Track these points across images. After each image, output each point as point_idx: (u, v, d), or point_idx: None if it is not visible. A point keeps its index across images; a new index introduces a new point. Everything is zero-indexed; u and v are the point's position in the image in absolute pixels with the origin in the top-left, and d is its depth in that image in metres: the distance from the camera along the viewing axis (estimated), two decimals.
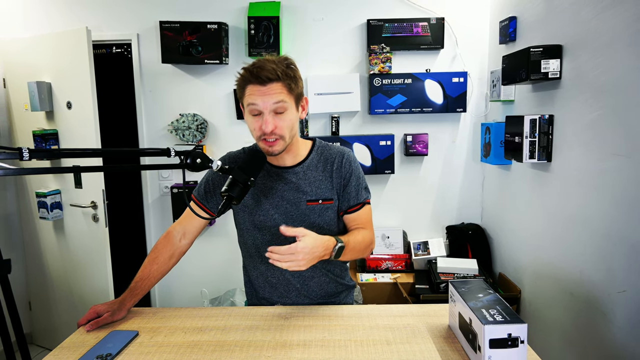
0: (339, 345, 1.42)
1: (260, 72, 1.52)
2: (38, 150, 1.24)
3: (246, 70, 1.56)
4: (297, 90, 1.60)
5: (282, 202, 1.70)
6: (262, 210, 1.71)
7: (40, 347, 3.71)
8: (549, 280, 2.56)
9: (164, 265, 1.75)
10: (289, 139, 1.62)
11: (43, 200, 3.30)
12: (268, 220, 1.71)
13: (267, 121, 1.54)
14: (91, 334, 1.53)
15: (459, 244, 3.45)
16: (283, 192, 1.71)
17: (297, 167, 1.73)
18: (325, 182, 1.72)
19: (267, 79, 1.52)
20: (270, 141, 1.57)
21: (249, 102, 1.55)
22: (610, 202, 2.02)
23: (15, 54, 3.38)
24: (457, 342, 1.42)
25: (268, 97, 1.53)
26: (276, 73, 1.52)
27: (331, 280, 1.80)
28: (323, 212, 1.71)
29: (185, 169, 1.41)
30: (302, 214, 1.70)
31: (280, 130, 1.57)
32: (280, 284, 1.76)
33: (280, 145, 1.59)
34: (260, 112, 1.55)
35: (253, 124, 1.58)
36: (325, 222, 1.73)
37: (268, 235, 1.72)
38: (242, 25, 3.43)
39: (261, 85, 1.53)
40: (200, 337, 1.51)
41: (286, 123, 1.58)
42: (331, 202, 1.72)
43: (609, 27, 2.02)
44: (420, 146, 3.43)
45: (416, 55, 3.43)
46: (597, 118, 2.10)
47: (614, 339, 1.99)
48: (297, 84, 1.61)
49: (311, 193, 1.70)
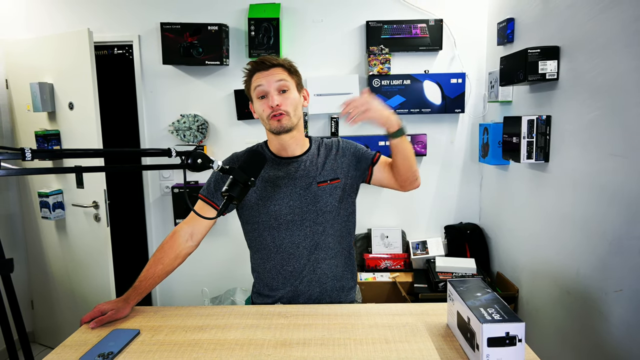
0: (339, 344, 1.42)
1: (264, 59, 1.74)
2: (40, 151, 1.24)
3: (251, 62, 1.77)
4: (297, 76, 1.80)
5: (295, 189, 1.78)
6: (276, 200, 1.77)
7: (42, 345, 3.71)
8: (547, 280, 2.56)
9: (169, 265, 1.76)
10: (294, 118, 1.75)
11: (45, 200, 3.30)
12: (283, 207, 1.77)
13: (273, 97, 1.70)
14: (93, 332, 1.53)
15: (457, 243, 3.46)
16: (295, 179, 1.79)
17: (304, 156, 1.84)
18: (329, 164, 1.84)
19: (270, 63, 1.73)
20: (278, 115, 1.71)
21: (255, 86, 1.73)
22: (607, 202, 2.03)
23: (18, 55, 3.38)
24: (456, 341, 1.42)
25: (271, 77, 1.71)
26: (277, 60, 1.75)
27: (339, 263, 1.85)
28: (333, 191, 1.80)
29: (186, 169, 1.41)
30: (314, 195, 1.78)
31: (286, 106, 1.72)
32: (295, 271, 1.79)
33: (287, 120, 1.72)
34: (267, 93, 1.72)
35: (261, 106, 1.74)
36: (336, 200, 1.81)
37: (284, 223, 1.77)
38: (243, 26, 3.43)
39: (265, 70, 1.73)
40: (201, 335, 1.51)
41: (290, 100, 1.73)
42: (338, 181, 1.82)
43: (606, 29, 2.02)
44: (419, 146, 3.43)
45: (415, 56, 3.43)
46: (595, 118, 2.11)
47: (611, 338, 2.00)
48: (297, 72, 1.81)
49: (319, 176, 1.80)
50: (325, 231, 1.79)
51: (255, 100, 1.75)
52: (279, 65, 1.73)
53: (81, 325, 1.58)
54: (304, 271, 1.79)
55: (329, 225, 1.80)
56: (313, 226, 1.77)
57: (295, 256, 1.78)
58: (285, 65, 1.75)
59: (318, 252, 1.79)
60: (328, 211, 1.79)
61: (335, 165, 1.84)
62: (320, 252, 1.79)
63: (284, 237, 1.77)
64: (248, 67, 1.77)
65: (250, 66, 1.76)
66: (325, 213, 1.79)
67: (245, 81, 1.80)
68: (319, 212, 1.78)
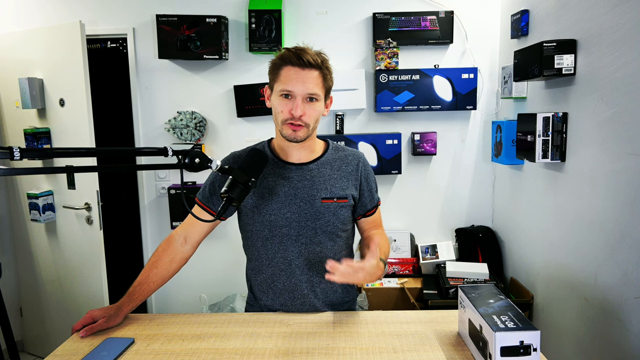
0: (344, 353, 1.43)
1: (302, 54, 1.60)
2: (29, 150, 1.24)
3: (288, 50, 1.63)
4: (328, 84, 1.70)
5: (295, 200, 1.71)
6: (273, 209, 1.71)
7: (31, 355, 3.72)
8: (563, 285, 2.55)
9: (164, 270, 1.75)
10: (311, 130, 1.69)
11: (35, 201, 3.31)
12: (279, 219, 1.71)
13: (298, 105, 1.60)
14: (85, 341, 1.53)
15: (468, 247, 3.45)
16: (296, 189, 1.72)
17: (312, 164, 1.76)
18: (340, 180, 1.76)
19: (308, 63, 1.60)
20: (296, 125, 1.63)
21: (283, 84, 1.62)
22: (626, 204, 2.02)
23: (6, 49, 3.40)
24: (467, 350, 1.42)
25: (304, 85, 1.60)
26: (317, 60, 1.62)
27: (337, 287, 1.80)
28: (338, 210, 1.73)
29: (183, 169, 1.41)
30: (316, 212, 1.71)
31: (308, 118, 1.64)
32: (286, 290, 1.74)
33: (304, 132, 1.65)
34: (293, 96, 1.62)
35: (282, 105, 1.64)
36: (339, 221, 1.75)
37: (278, 236, 1.72)
38: (243, 19, 3.43)
39: (300, 69, 1.61)
40: (199, 344, 1.51)
41: (315, 113, 1.66)
42: (345, 201, 1.75)
43: (625, 21, 2.02)
44: (429, 145, 3.43)
45: (424, 50, 3.43)
46: (613, 116, 2.10)
47: (630, 346, 1.99)
48: (331, 77, 1.71)
49: (326, 191, 1.73)
50: (323, 252, 1.73)
51: (277, 94, 1.65)
52: (316, 67, 1.62)
53: (72, 333, 1.59)
54: (295, 291, 1.74)
55: (328, 247, 1.74)
56: (309, 245, 1.71)
57: (286, 273, 1.73)
58: (322, 69, 1.64)
59: (312, 273, 1.73)
60: (329, 231, 1.73)
61: (346, 184, 1.76)
62: (315, 274, 1.73)
63: (277, 251, 1.72)
64: (283, 53, 1.64)
65: (285, 53, 1.63)
66: (325, 233, 1.73)
67: (274, 67, 1.67)
68: (318, 230, 1.72)
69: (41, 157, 3.04)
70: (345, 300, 1.85)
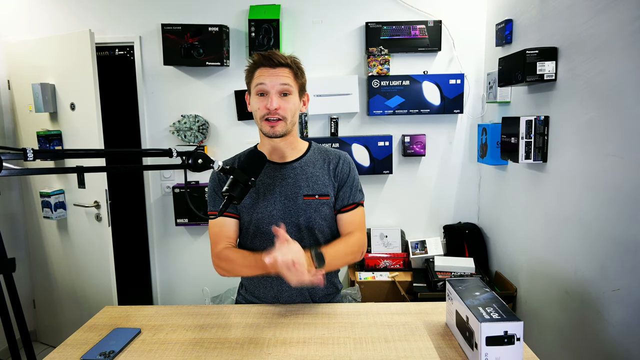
0: (338, 343, 1.43)
1: (272, 55, 1.64)
2: (42, 151, 1.23)
3: (259, 54, 1.67)
4: (301, 80, 1.71)
5: (280, 198, 1.71)
6: (260, 207, 1.71)
7: (44, 344, 3.71)
8: (545, 279, 2.56)
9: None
10: (290, 125, 1.68)
11: (47, 200, 3.30)
12: (265, 216, 1.70)
13: (272, 100, 1.62)
14: (94, 331, 1.53)
15: (455, 243, 3.45)
16: (281, 187, 1.72)
17: (295, 163, 1.76)
18: (322, 178, 1.74)
19: (278, 62, 1.63)
20: (273, 120, 1.64)
21: (257, 82, 1.64)
22: (604, 202, 2.03)
23: (20, 56, 3.38)
24: (454, 340, 1.43)
25: (276, 78, 1.62)
26: (286, 59, 1.65)
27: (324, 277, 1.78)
28: (319, 207, 1.72)
29: (187, 169, 1.41)
30: (299, 208, 1.70)
31: (284, 111, 1.64)
32: (274, 282, 1.74)
33: (281, 126, 1.65)
34: (267, 92, 1.63)
35: (258, 103, 1.65)
36: (321, 218, 1.72)
37: (264, 233, 1.71)
38: (243, 27, 3.43)
39: (271, 68, 1.63)
40: (202, 334, 1.51)
41: (289, 106, 1.65)
42: (327, 198, 1.73)
43: (603, 30, 2.02)
44: (418, 147, 3.43)
45: (414, 57, 3.43)
46: (592, 119, 2.11)
47: (608, 337, 2.00)
48: (303, 75, 1.72)
49: (308, 188, 1.72)
50: (306, 249, 1.65)
51: (254, 95, 1.67)
52: (286, 66, 1.65)
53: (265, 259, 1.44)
54: (283, 284, 1.72)
55: (311, 242, 1.72)
56: None
57: None
58: (292, 66, 1.66)
59: None
60: (311, 227, 1.71)
61: (328, 181, 1.74)
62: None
63: (260, 248, 1.68)
64: (254, 58, 1.67)
65: (256, 58, 1.67)
66: (308, 229, 1.71)
67: (248, 72, 1.69)
68: (301, 226, 1.71)
69: (53, 158, 3.03)
70: (328, 293, 1.84)
